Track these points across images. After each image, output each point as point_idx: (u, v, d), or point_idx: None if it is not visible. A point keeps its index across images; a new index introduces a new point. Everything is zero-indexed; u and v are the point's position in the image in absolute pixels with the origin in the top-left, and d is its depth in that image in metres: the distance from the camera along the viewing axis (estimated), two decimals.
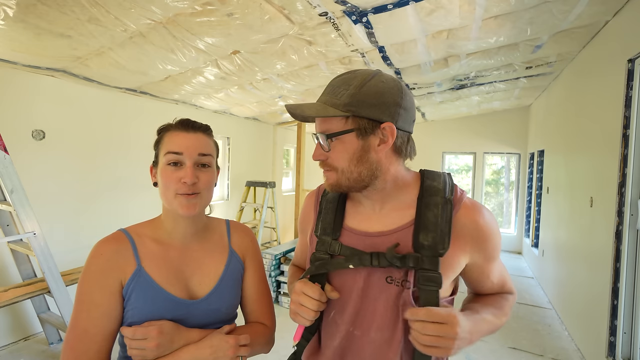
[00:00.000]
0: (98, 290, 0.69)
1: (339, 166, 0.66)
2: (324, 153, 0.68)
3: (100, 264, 0.70)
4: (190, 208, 0.72)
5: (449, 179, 0.72)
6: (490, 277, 0.73)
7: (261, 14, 1.79)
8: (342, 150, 0.65)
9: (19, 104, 2.56)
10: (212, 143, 0.79)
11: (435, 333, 0.57)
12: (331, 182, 0.69)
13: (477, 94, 4.34)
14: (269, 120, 5.26)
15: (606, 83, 2.33)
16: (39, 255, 2.12)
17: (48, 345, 2.56)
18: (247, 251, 0.87)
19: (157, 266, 0.74)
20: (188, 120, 0.77)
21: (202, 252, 0.81)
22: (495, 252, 0.71)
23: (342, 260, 0.68)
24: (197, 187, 0.73)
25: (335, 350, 0.71)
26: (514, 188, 6.21)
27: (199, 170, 0.74)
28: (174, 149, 0.72)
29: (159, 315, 0.70)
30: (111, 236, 0.75)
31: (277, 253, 3.49)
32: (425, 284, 0.63)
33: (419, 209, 0.67)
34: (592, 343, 2.35)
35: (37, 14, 1.65)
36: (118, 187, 3.32)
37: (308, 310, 0.66)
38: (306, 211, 0.86)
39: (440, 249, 0.63)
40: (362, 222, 0.73)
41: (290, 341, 0.78)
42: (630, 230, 1.97)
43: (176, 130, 0.75)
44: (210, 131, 0.80)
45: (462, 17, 1.99)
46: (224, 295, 0.79)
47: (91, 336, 0.67)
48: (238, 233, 0.88)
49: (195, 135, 0.75)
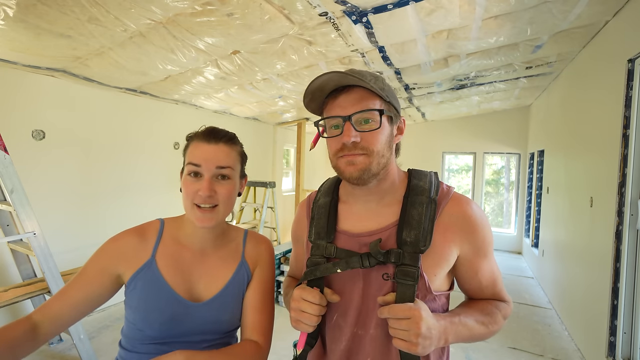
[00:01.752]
0: (94, 265, 0.75)
1: (375, 148, 0.65)
2: (359, 134, 0.65)
3: (110, 248, 0.76)
4: (204, 221, 0.73)
5: (435, 179, 0.73)
6: (479, 275, 0.72)
7: (261, 14, 1.79)
8: (380, 132, 0.65)
9: (19, 104, 2.56)
10: (234, 154, 0.78)
11: (400, 327, 0.59)
12: (361, 167, 0.65)
13: (477, 94, 4.34)
14: (269, 120, 5.27)
15: (606, 83, 2.33)
16: (39, 255, 2.12)
17: (48, 345, 2.56)
18: (259, 261, 0.85)
19: (169, 264, 0.77)
20: (212, 130, 0.77)
21: (215, 258, 0.81)
22: (484, 247, 0.70)
23: (331, 265, 0.68)
24: (214, 199, 0.73)
25: (342, 353, 0.71)
26: (514, 188, 6.21)
27: (217, 182, 0.74)
28: (194, 160, 0.74)
29: (160, 309, 0.72)
30: (140, 227, 0.80)
31: (277, 253, 3.49)
32: (402, 278, 0.64)
33: (404, 207, 0.69)
34: (592, 343, 2.35)
35: (37, 14, 1.65)
36: (118, 187, 3.32)
37: (310, 316, 0.65)
38: (299, 220, 0.86)
39: (422, 246, 0.65)
40: (355, 223, 0.73)
41: (289, 342, 0.78)
42: (630, 230, 1.97)
43: (199, 141, 0.76)
44: (233, 141, 0.79)
45: (462, 17, 1.99)
46: (226, 303, 0.79)
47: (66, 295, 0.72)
48: (254, 243, 0.87)
49: (216, 146, 0.75)
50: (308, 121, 5.17)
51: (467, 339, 0.67)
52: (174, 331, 0.73)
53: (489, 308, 0.72)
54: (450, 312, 0.70)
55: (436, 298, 0.68)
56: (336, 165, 0.69)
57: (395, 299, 0.63)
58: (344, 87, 0.67)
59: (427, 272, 0.66)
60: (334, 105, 0.67)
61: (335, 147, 0.67)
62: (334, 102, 0.67)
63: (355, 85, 0.66)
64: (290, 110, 4.40)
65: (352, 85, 0.66)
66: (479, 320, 0.69)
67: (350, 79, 0.63)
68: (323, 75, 0.64)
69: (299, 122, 5.12)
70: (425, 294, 0.66)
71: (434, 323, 0.60)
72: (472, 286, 0.75)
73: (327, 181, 0.85)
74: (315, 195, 0.84)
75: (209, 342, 0.76)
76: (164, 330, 0.72)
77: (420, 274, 0.64)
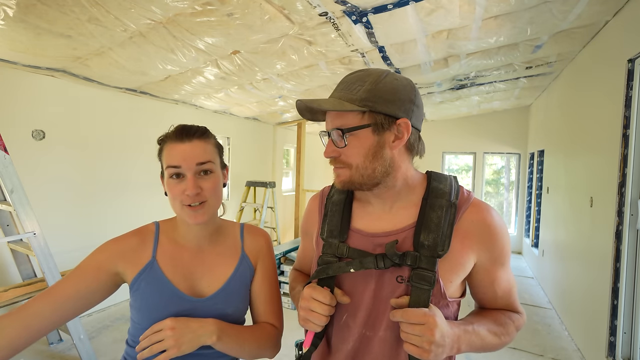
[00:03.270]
0: (89, 262, 0.74)
1: (354, 162, 0.66)
2: (336, 149, 0.66)
3: (111, 247, 0.76)
4: (197, 217, 0.74)
5: (455, 183, 0.72)
6: (495, 285, 0.71)
7: (261, 14, 1.79)
8: (357, 145, 0.65)
9: (19, 104, 2.56)
10: (210, 147, 0.77)
11: (413, 332, 0.58)
12: (343, 179, 0.67)
13: (477, 94, 4.34)
14: (269, 120, 5.26)
15: (606, 83, 2.33)
16: (39, 255, 2.12)
17: (48, 345, 2.56)
18: (260, 254, 0.87)
19: (170, 264, 0.77)
20: (182, 128, 0.76)
21: (214, 255, 0.82)
22: (502, 256, 0.69)
23: (344, 264, 0.67)
24: (201, 196, 0.74)
25: (348, 353, 0.70)
26: (514, 188, 6.22)
27: (201, 178, 0.74)
28: (173, 163, 0.73)
29: (164, 307, 0.73)
30: (139, 229, 0.81)
31: (277, 253, 3.49)
32: (418, 282, 0.62)
33: (423, 209, 0.67)
34: (592, 343, 2.35)
35: (37, 14, 1.65)
36: (118, 187, 3.32)
37: (319, 315, 0.65)
38: (310, 214, 0.85)
39: (440, 250, 0.63)
40: (370, 222, 0.72)
41: (291, 340, 0.77)
42: (630, 230, 1.97)
43: (173, 142, 0.74)
44: (206, 135, 0.78)
45: (462, 17, 1.99)
46: (230, 297, 0.79)
47: (53, 293, 0.70)
48: (252, 236, 0.88)
49: (191, 144, 0.74)
50: (308, 121, 5.17)
51: (479, 348, 0.66)
52: None
53: (503, 319, 0.71)
54: (464, 320, 0.69)
55: (449, 304, 0.67)
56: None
57: (409, 302, 0.62)
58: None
59: (443, 277, 0.65)
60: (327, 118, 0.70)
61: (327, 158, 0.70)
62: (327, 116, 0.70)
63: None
64: (290, 110, 4.40)
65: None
66: (492, 331, 0.67)
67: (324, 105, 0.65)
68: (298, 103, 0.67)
69: (299, 122, 5.12)
70: (439, 300, 0.65)
71: (448, 331, 0.59)
72: (487, 295, 0.73)
73: None
74: (330, 190, 0.82)
75: None
76: None
77: (436, 279, 0.63)
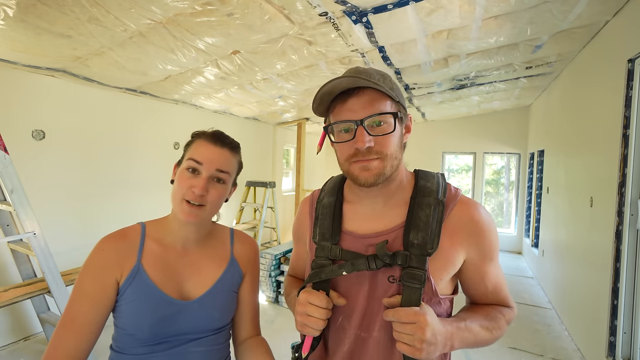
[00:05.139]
0: (92, 283, 0.72)
1: (389, 151, 0.64)
2: (373, 138, 0.63)
3: (99, 259, 0.73)
4: (190, 216, 0.74)
5: (443, 181, 0.72)
6: (485, 280, 0.72)
7: (261, 14, 1.79)
8: (393, 134, 0.64)
9: (19, 104, 2.56)
10: (234, 161, 0.80)
11: (404, 332, 0.58)
12: (377, 172, 0.64)
13: (477, 94, 4.34)
14: (269, 120, 5.26)
15: (606, 83, 2.33)
16: (39, 255, 2.12)
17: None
18: (249, 263, 0.89)
19: (156, 266, 0.76)
20: (220, 134, 0.80)
21: (202, 257, 0.82)
22: (491, 252, 0.70)
23: (336, 267, 0.67)
24: (204, 199, 0.74)
25: (345, 355, 0.70)
26: (514, 188, 6.21)
27: (212, 184, 0.76)
28: (196, 157, 0.75)
29: (150, 312, 0.72)
30: (121, 231, 0.78)
31: (277, 253, 3.49)
32: (409, 281, 0.63)
33: (411, 208, 0.68)
34: (592, 343, 2.35)
35: (37, 14, 1.65)
36: (118, 187, 3.32)
37: (316, 320, 0.64)
38: (301, 218, 0.85)
39: (429, 249, 0.64)
40: (361, 223, 0.72)
41: (289, 341, 0.78)
42: (630, 230, 1.97)
43: (205, 140, 0.77)
44: (237, 150, 0.82)
45: (462, 17, 1.99)
46: (217, 300, 0.79)
47: (76, 325, 0.70)
48: (242, 244, 0.90)
49: (220, 150, 0.77)
50: (308, 121, 5.17)
51: (471, 344, 0.66)
52: (165, 331, 0.73)
53: (493, 313, 0.71)
54: (456, 317, 0.69)
55: (441, 302, 0.68)
56: (348, 170, 0.67)
57: (401, 301, 0.62)
58: (352, 89, 0.64)
59: (434, 275, 0.65)
60: (342, 108, 0.64)
61: (348, 152, 0.65)
62: (343, 105, 0.64)
63: (365, 87, 0.63)
64: (290, 110, 4.40)
65: (362, 87, 0.63)
66: (484, 326, 0.68)
67: (362, 82, 0.61)
68: (334, 80, 0.62)
69: (299, 122, 5.13)
70: (431, 298, 0.65)
71: (440, 328, 0.59)
72: (478, 291, 0.74)
73: (330, 180, 0.84)
74: (319, 194, 0.82)
75: (199, 339, 0.77)
76: (155, 332, 0.72)
77: (427, 277, 0.63)
